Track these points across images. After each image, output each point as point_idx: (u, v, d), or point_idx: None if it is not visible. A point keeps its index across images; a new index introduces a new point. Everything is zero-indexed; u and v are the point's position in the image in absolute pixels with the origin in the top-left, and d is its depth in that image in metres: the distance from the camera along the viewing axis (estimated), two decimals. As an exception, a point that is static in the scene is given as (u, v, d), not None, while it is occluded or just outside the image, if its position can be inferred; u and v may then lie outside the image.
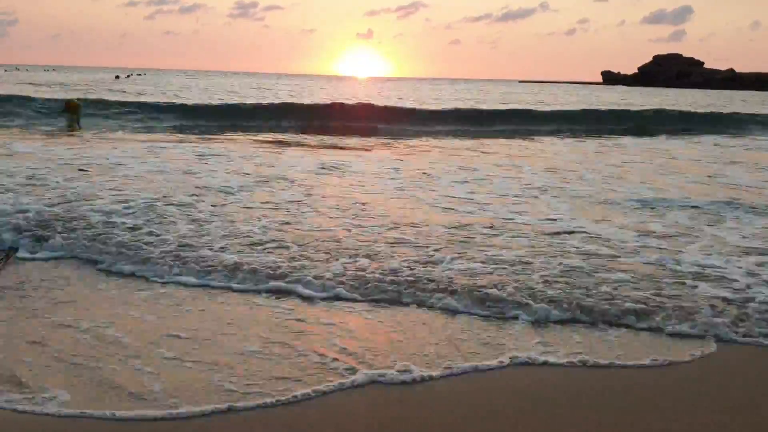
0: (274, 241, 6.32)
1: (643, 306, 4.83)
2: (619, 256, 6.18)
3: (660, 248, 6.53)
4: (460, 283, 5.21)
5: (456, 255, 6.04)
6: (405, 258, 5.88)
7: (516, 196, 9.34)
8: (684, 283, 5.42)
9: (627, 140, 20.18)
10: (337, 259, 5.76)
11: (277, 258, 5.74)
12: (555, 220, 7.74)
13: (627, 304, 4.84)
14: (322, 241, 6.40)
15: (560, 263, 5.87)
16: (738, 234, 7.25)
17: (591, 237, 6.90)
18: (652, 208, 8.64)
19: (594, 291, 5.13)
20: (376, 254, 5.97)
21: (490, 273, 5.52)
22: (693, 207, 8.78)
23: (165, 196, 8.21)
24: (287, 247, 6.11)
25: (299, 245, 6.19)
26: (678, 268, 5.85)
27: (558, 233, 7.04)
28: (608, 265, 5.89)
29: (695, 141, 20.64)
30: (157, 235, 6.30)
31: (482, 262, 5.83)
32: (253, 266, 5.43)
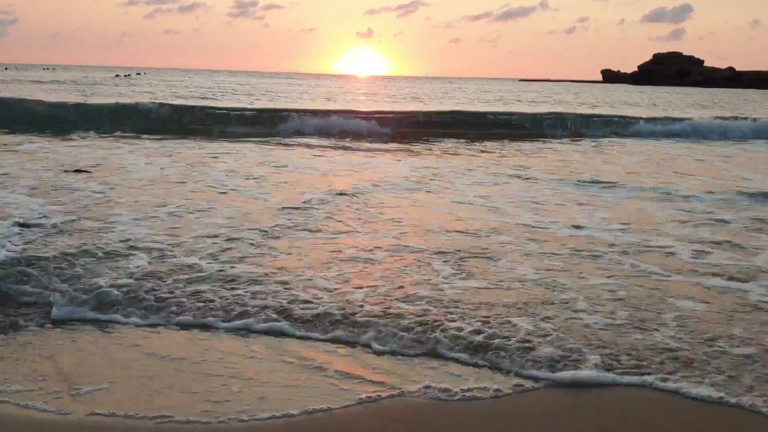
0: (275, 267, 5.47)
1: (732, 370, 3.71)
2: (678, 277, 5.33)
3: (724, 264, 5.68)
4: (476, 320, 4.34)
5: (474, 273, 5.20)
6: (414, 280, 5.03)
7: (541, 203, 8.49)
8: None
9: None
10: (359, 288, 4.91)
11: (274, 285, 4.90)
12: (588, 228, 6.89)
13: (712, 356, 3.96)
14: (339, 256, 5.56)
15: (606, 287, 4.99)
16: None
17: (639, 249, 6.05)
18: (691, 215, 7.80)
19: (658, 336, 4.07)
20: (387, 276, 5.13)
21: (517, 293, 4.66)
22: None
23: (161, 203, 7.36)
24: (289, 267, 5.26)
25: (307, 267, 5.35)
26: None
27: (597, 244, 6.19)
28: (669, 288, 5.03)
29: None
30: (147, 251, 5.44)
31: (504, 282, 4.97)
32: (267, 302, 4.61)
